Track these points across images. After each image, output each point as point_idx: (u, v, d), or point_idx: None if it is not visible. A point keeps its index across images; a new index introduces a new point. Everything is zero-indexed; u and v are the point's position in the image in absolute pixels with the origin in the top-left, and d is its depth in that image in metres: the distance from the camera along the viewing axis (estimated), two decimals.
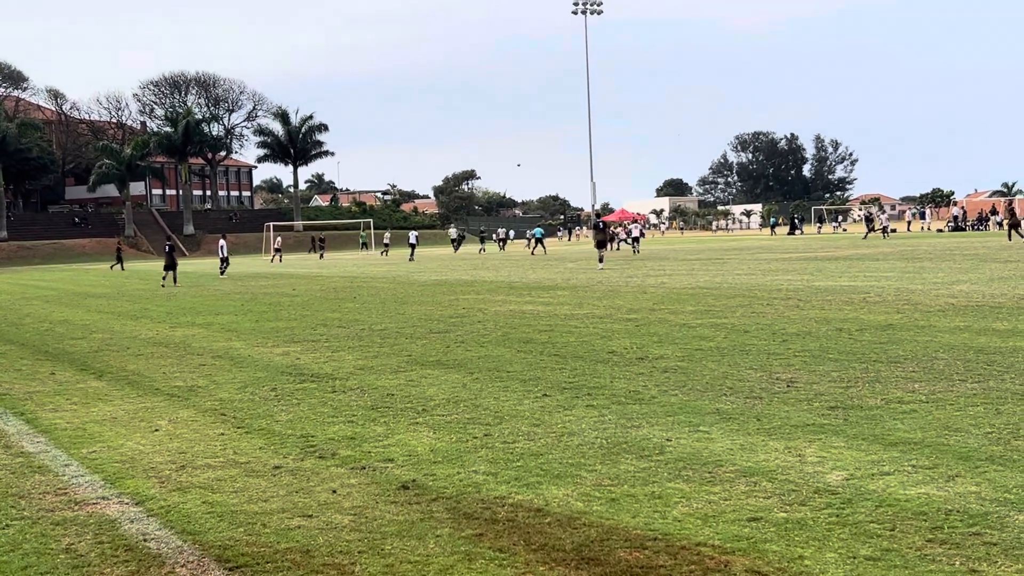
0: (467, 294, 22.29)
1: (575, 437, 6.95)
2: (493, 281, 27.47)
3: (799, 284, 20.69)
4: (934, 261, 28.08)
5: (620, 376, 9.49)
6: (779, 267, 28.32)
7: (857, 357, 10.01)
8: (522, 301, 19.54)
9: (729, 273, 26.18)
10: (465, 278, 29.93)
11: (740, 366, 9.77)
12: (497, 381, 9.54)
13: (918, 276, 21.65)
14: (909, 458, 5.98)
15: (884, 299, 16.32)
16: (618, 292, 20.77)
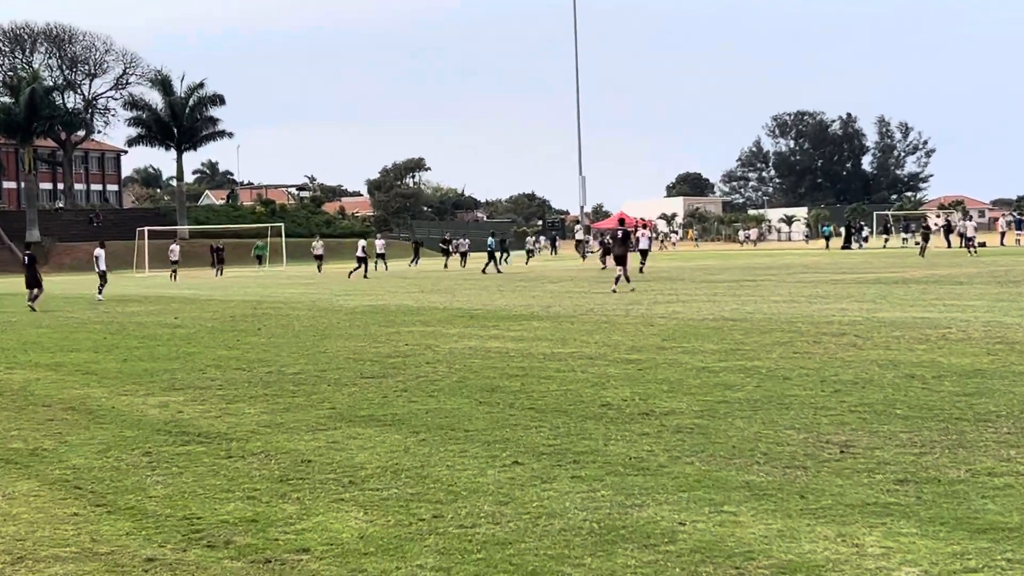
0: (412, 326, 22.24)
1: (556, 520, 6.93)
2: (447, 308, 27.44)
3: (856, 315, 20.84)
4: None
5: (617, 437, 9.49)
6: (830, 292, 28.51)
7: (933, 414, 10.07)
8: (486, 335, 19.52)
9: (764, 300, 26.32)
10: (409, 303, 29.88)
11: (778, 425, 9.80)
12: (451, 443, 9.50)
13: (1015, 306, 21.88)
14: (1003, 550, 6.01)
15: (970, 336, 16.45)
16: (615, 324, 20.82)
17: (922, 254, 54.06)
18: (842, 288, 30.15)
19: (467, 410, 11.27)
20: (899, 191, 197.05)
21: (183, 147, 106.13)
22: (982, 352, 14.45)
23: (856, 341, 16.35)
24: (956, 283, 30.73)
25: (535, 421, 10.46)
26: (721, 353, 15.46)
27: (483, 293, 34.26)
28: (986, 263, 44.43)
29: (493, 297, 31.83)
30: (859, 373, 12.88)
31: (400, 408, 11.56)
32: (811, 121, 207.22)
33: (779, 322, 19.96)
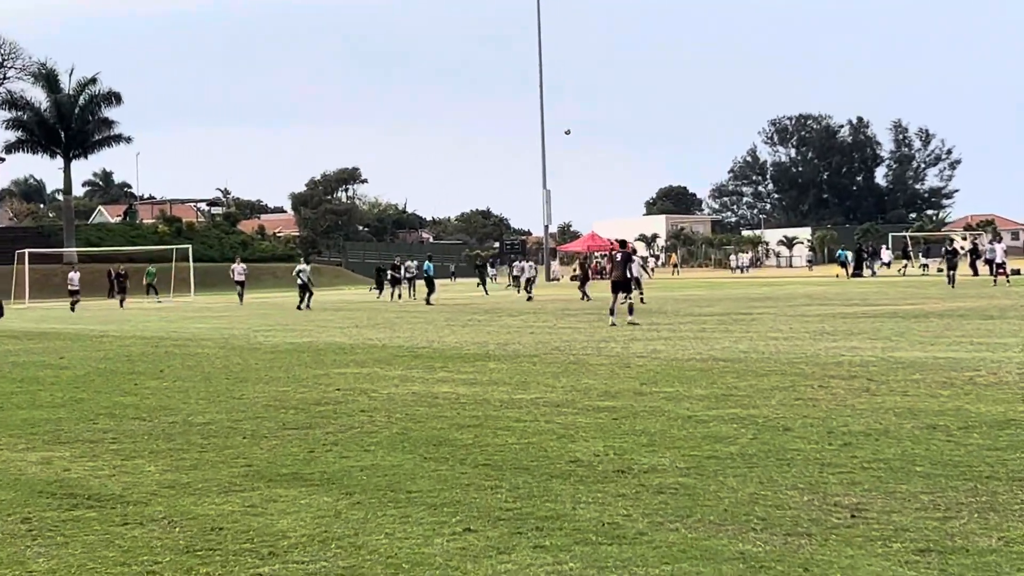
0: (344, 366, 22.17)
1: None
2: (387, 346, 27.37)
3: (869, 355, 20.96)
4: None
5: (588, 499, 9.48)
6: (838, 327, 28.65)
7: (960, 471, 10.13)
8: (433, 379, 19.48)
9: (760, 336, 26.42)
10: (341, 340, 29.78)
11: (778, 484, 9.83)
12: (391, 507, 9.46)
13: None
14: None
15: (1002, 380, 16.58)
16: (585, 365, 20.83)
17: (951, 283, 54.37)
18: (852, 323, 30.32)
19: (410, 467, 11.23)
20: (919, 209, 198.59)
21: (71, 154, 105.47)
22: (1017, 399, 14.55)
23: (869, 385, 16.43)
24: (986, 317, 30.97)
25: (491, 480, 10.43)
26: (711, 399, 15.49)
27: (429, 328, 34.21)
28: (1021, 294, 44.84)
29: (441, 333, 31.78)
30: (872, 423, 12.93)
31: (330, 465, 11.50)
32: (815, 126, 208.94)
33: (779, 363, 20.04)
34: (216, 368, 22.77)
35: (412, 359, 23.43)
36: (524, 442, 12.49)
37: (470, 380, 19.08)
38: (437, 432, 13.41)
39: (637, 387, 17.22)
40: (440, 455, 11.87)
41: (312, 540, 8.48)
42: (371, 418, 14.76)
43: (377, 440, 12.97)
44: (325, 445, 12.74)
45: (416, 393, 17.41)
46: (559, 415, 14.49)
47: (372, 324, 37.71)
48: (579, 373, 19.51)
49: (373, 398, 16.93)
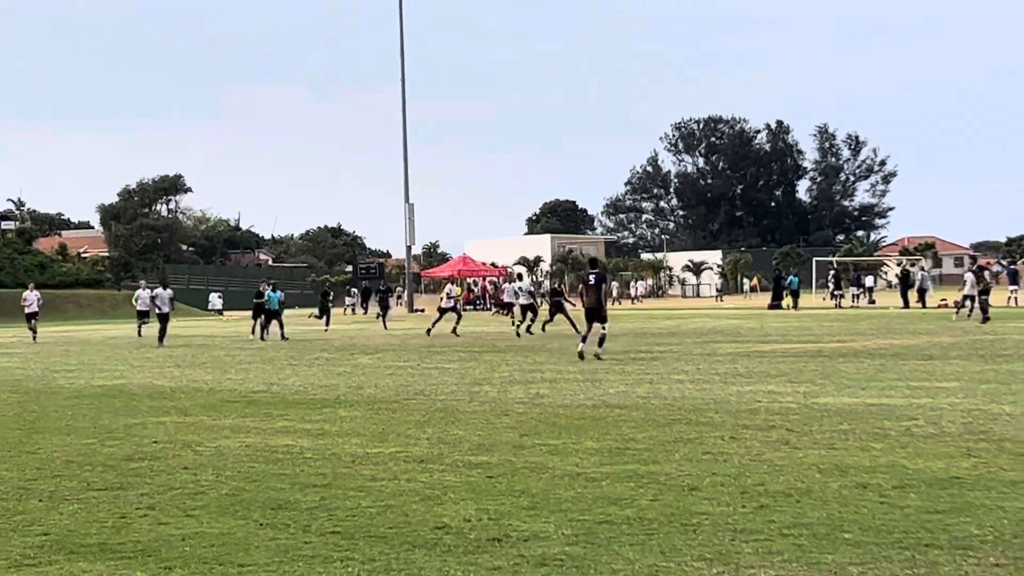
0: (164, 414, 21.96)
1: None
2: (215, 390, 27.15)
3: (790, 401, 21.19)
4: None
5: (457, 572, 9.47)
6: (753, 369, 28.94)
7: (895, 539, 10.26)
8: (271, 429, 19.37)
9: (662, 378, 26.59)
10: (160, 383, 29.49)
11: (682, 554, 9.88)
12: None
13: (1005, 389, 22.47)
14: None
15: (943, 431, 16.84)
16: (455, 413, 20.83)
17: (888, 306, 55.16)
18: (770, 363, 30.64)
19: (242, 536, 11.14)
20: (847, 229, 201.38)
21: None
22: (960, 453, 14.78)
23: (789, 437, 16.61)
24: (925, 357, 31.46)
25: (340, 551, 10.38)
26: (603, 454, 15.56)
27: (267, 368, 34.01)
28: (965, 330, 45.62)
29: (281, 374, 31.60)
30: (793, 481, 13.07)
31: (145, 533, 11.37)
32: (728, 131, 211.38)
33: (683, 410, 20.18)
34: (6, 416, 22.44)
35: (246, 405, 23.26)
36: (381, 505, 12.45)
37: (316, 431, 18.99)
38: (276, 493, 13.32)
39: (516, 439, 17.24)
40: (279, 521, 11.79)
41: None
42: (196, 477, 14.62)
43: (203, 503, 12.85)
44: (139, 509, 12.59)
45: (251, 446, 17.29)
46: (423, 472, 14.47)
47: (198, 363, 37.40)
48: (447, 422, 19.49)
49: (198, 452, 16.78)
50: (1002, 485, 12.54)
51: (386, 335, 53.79)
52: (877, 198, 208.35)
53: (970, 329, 45.60)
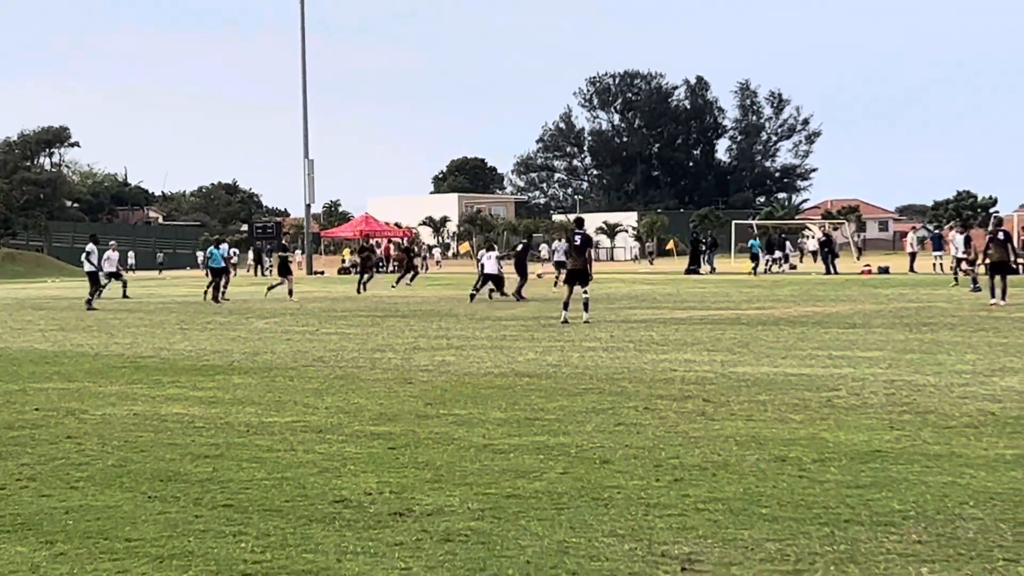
0: (46, 380, 21.80)
1: None
2: (101, 355, 26.97)
3: (707, 370, 21.31)
4: (959, 330, 29.48)
5: (357, 549, 9.48)
6: (669, 336, 29.07)
7: (814, 514, 10.35)
8: (161, 396, 19.27)
9: (574, 346, 26.66)
10: (42, 347, 29.26)
11: (593, 530, 9.92)
12: (105, 559, 9.35)
13: (929, 359, 22.70)
14: None
15: (865, 402, 16.99)
16: (356, 380, 20.80)
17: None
18: (687, 330, 30.77)
19: (129, 508, 11.09)
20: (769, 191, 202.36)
21: None
22: (883, 425, 14.91)
23: (706, 408, 16.70)
24: (847, 325, 31.69)
25: (233, 525, 10.35)
26: (512, 424, 15.59)
27: (156, 333, 33.81)
28: (890, 297, 45.98)
29: (172, 339, 31.42)
30: (709, 454, 13.15)
31: (25, 506, 11.30)
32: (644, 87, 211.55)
33: (596, 379, 20.25)
34: None
35: (134, 371, 23.12)
36: (276, 477, 12.42)
37: (208, 399, 18.91)
38: (165, 464, 13.26)
39: (420, 408, 17.25)
40: (169, 493, 11.74)
41: None
42: (80, 446, 14.53)
43: (87, 474, 12.77)
44: (19, 480, 12.51)
45: (139, 415, 17.20)
46: (322, 443, 14.44)
47: (83, 327, 37.12)
48: (348, 390, 19.47)
49: (83, 421, 16.67)
50: (925, 459, 12.67)
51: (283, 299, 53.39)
52: (800, 159, 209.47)
53: (895, 297, 45.91)
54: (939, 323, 31.93)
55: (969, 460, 12.57)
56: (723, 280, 68.13)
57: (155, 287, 76.51)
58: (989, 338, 26.98)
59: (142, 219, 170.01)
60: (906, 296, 46.22)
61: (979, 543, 9.30)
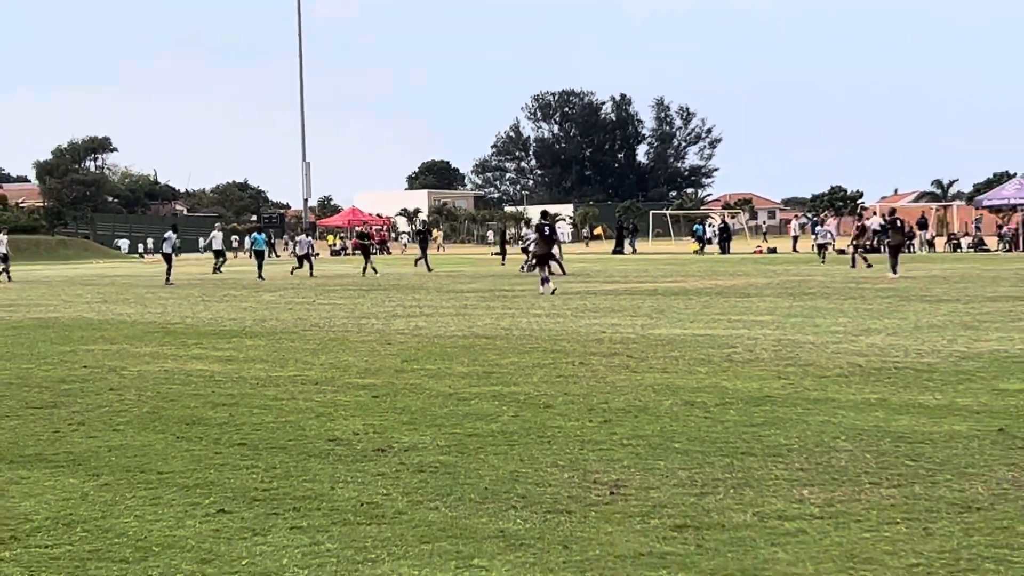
0: (92, 343, 21.70)
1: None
2: (137, 322, 26.86)
3: (630, 332, 21.36)
4: (833, 299, 29.64)
5: (347, 478, 9.48)
6: (599, 305, 29.12)
7: (717, 447, 10.41)
8: (186, 356, 19.20)
9: (522, 313, 26.69)
10: (89, 316, 29.11)
11: (538, 462, 9.96)
12: (141, 488, 9.32)
13: (809, 322, 22.81)
14: None
15: (758, 357, 17.07)
16: (345, 342, 20.77)
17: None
18: (613, 300, 30.83)
19: (161, 447, 11.07)
20: (679, 187, 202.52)
21: None
22: (772, 375, 15.01)
23: (629, 362, 16.75)
24: (743, 295, 31.82)
25: (246, 460, 10.35)
26: (472, 377, 15.61)
27: (183, 304, 33.67)
28: (777, 272, 46.18)
29: (195, 308, 31.31)
30: (632, 400, 13.20)
31: (76, 445, 11.27)
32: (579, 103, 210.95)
33: (540, 339, 20.29)
34: None
35: (164, 335, 23.04)
36: (281, 421, 12.42)
37: (226, 357, 18.87)
38: (190, 411, 13.24)
39: (398, 364, 17.25)
40: (193, 435, 11.73)
41: (56, 523, 8.29)
42: (120, 397, 14.49)
43: (127, 419, 12.75)
44: (71, 425, 12.47)
45: (168, 371, 17.15)
46: (318, 393, 14.44)
47: (123, 299, 36.93)
48: (339, 350, 19.45)
49: (123, 376, 16.62)
50: (806, 403, 12.75)
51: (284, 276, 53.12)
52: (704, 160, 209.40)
53: (780, 272, 46.07)
54: (817, 293, 32.10)
55: (841, 403, 12.67)
56: (643, 259, 68.21)
57: (181, 267, 76.12)
58: (857, 305, 27.15)
59: (170, 211, 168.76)
60: (790, 271, 46.40)
61: (849, 470, 9.37)
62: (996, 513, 7.99)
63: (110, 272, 65.34)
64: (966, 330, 20.37)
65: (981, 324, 21.48)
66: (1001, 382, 14.02)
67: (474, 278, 46.92)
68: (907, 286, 34.27)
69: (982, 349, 17.40)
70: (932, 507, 8.17)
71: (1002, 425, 11.12)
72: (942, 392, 13.32)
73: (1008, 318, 22.72)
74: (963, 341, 18.55)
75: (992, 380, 14.19)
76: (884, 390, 13.57)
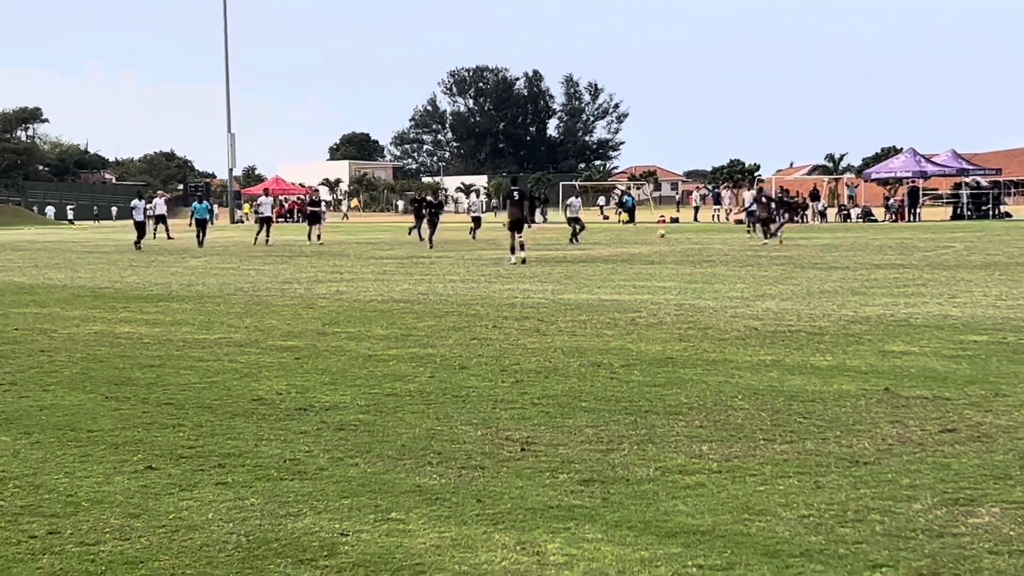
0: (23, 306, 21.43)
1: (197, 533, 6.83)
2: (67, 286, 26.56)
3: (540, 297, 21.42)
4: (731, 266, 29.93)
5: (270, 436, 9.44)
6: (512, 271, 29.19)
7: (622, 406, 10.47)
8: (115, 319, 19.03)
9: (439, 279, 26.70)
10: (20, 280, 28.78)
11: (453, 420, 9.97)
12: (71, 446, 9.23)
13: (708, 288, 23.00)
14: (694, 554, 6.30)
15: (661, 321, 17.18)
16: (269, 306, 20.67)
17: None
18: (524, 267, 30.91)
19: (91, 407, 10.97)
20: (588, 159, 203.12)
21: None
22: (673, 338, 15.11)
23: (539, 326, 16.80)
24: (647, 262, 32.04)
25: (173, 419, 10.28)
26: (391, 339, 15.59)
27: (111, 269, 33.36)
28: (679, 241, 46.50)
29: (123, 273, 31.04)
30: (543, 362, 13.24)
31: (8, 404, 11.14)
32: (493, 78, 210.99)
33: (455, 304, 20.29)
34: None
35: (94, 299, 22.81)
36: (207, 381, 12.34)
37: (153, 320, 18.72)
38: (119, 372, 13.13)
39: (320, 327, 17.19)
40: (122, 394, 11.63)
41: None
42: (51, 358, 14.33)
43: (57, 380, 12.61)
44: (2, 385, 12.31)
45: (98, 333, 16.99)
46: (242, 355, 14.36)
47: (53, 264, 36.53)
48: (263, 314, 19.35)
49: (53, 338, 16.44)
50: (705, 364, 12.85)
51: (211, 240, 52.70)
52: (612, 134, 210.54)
53: (682, 240, 46.37)
54: (716, 260, 32.39)
55: (738, 364, 12.78)
56: (553, 229, 68.32)
57: (110, 233, 75.37)
58: (754, 272, 27.41)
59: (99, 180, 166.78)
60: (691, 240, 46.73)
61: (745, 427, 9.46)
62: (882, 467, 8.10)
63: (40, 238, 64.49)
64: (855, 295, 20.65)
65: (869, 290, 21.77)
66: (887, 344, 14.21)
67: (392, 245, 46.81)
68: (800, 254, 34.64)
69: (869, 313, 17.63)
70: (822, 462, 8.27)
71: (888, 385, 11.27)
72: (832, 354, 13.48)
73: (894, 284, 23.05)
74: (852, 306, 18.79)
75: (879, 343, 14.39)
76: (778, 352, 13.71)
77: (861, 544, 6.43)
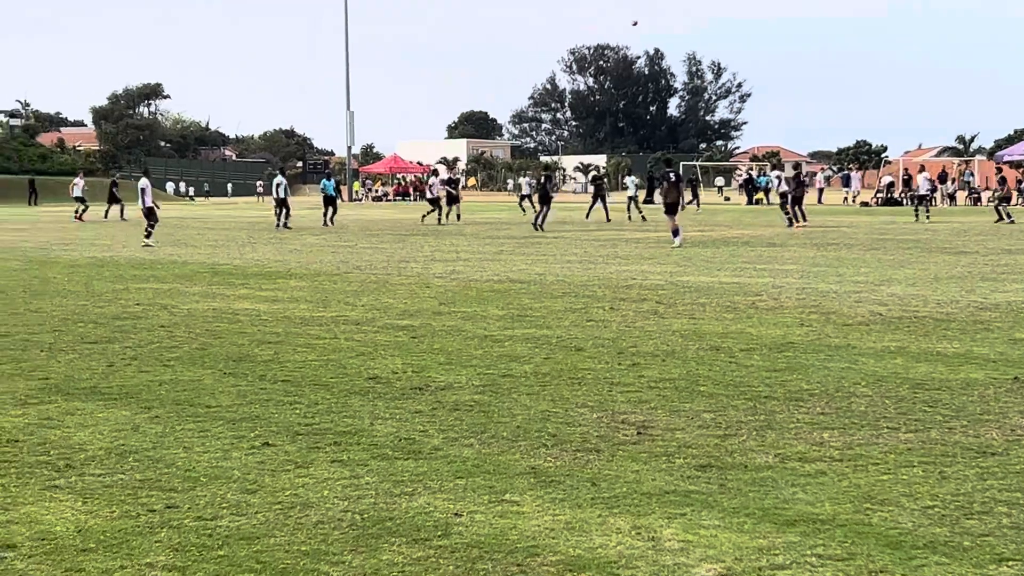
0: (144, 282, 21.80)
1: (312, 511, 6.91)
2: (187, 263, 26.97)
3: (659, 279, 21.33)
4: (856, 250, 29.53)
5: (385, 415, 9.51)
6: (629, 253, 29.09)
7: (741, 391, 10.40)
8: (233, 295, 19.27)
9: (555, 259, 26.68)
10: (142, 256, 29.26)
11: (568, 402, 9.97)
12: (190, 421, 9.38)
13: (832, 272, 22.73)
14: (813, 544, 6.25)
15: (782, 305, 17.03)
16: (385, 284, 20.81)
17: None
18: (643, 248, 30.80)
19: (209, 382, 11.13)
20: (709, 139, 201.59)
21: None
22: (795, 323, 14.97)
23: (658, 308, 16.74)
24: (769, 245, 31.74)
25: (290, 396, 10.39)
26: (506, 320, 15.62)
27: (230, 246, 33.81)
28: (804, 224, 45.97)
29: (243, 250, 31.43)
30: (660, 344, 13.19)
31: (128, 379, 11.33)
32: (613, 56, 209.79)
33: (572, 285, 20.27)
34: (12, 282, 22.17)
35: (213, 276, 23.13)
36: (324, 359, 12.46)
37: (271, 297, 18.93)
38: (237, 348, 13.30)
39: (436, 307, 17.27)
40: (240, 371, 11.78)
41: (109, 453, 8.35)
42: (171, 333, 14.56)
43: (177, 355, 12.81)
44: (124, 359, 12.54)
45: (217, 309, 17.22)
46: (359, 333, 14.48)
47: (174, 241, 37.08)
48: (379, 292, 19.49)
49: (173, 314, 16.70)
50: (828, 349, 12.72)
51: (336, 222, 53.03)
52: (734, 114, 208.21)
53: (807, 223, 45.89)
54: (841, 243, 31.97)
55: (862, 350, 12.63)
56: None
57: (229, 210, 76.46)
58: (879, 256, 27.03)
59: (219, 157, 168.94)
60: (815, 222, 46.18)
61: (868, 415, 9.35)
62: (1010, 458, 7.97)
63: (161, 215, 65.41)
64: (984, 281, 20.29)
65: (999, 276, 21.38)
66: (1017, 332, 13.96)
67: (510, 224, 46.86)
68: (928, 238, 34.08)
69: (999, 300, 17.32)
70: (948, 452, 8.15)
71: (1017, 373, 11.08)
72: (960, 341, 13.27)
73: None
74: (981, 292, 18.47)
75: (1009, 330, 14.14)
76: (904, 338, 13.53)
77: (987, 537, 6.34)
